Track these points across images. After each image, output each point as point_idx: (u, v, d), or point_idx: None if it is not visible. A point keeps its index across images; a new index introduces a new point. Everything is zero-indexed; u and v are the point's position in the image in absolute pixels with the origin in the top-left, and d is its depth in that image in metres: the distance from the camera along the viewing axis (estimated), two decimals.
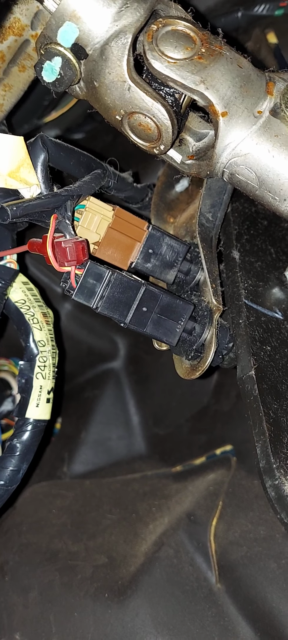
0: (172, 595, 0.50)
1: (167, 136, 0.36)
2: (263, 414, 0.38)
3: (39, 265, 0.59)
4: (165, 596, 0.49)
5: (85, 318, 0.67)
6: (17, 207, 0.36)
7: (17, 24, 0.43)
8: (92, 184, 0.40)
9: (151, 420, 0.67)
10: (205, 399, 0.64)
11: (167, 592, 0.50)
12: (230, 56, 0.35)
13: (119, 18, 0.35)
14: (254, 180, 0.36)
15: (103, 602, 0.48)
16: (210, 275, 0.43)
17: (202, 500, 0.54)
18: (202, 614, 0.49)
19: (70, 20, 0.35)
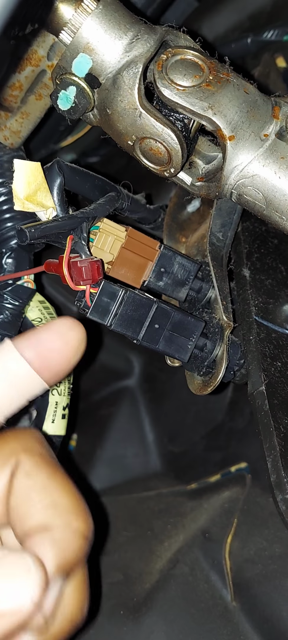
0: (187, 613, 0.49)
1: (177, 160, 0.38)
2: (273, 428, 0.39)
3: (55, 285, 0.61)
4: (180, 614, 0.49)
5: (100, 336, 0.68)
6: (35, 229, 0.37)
7: (34, 55, 0.44)
8: (107, 206, 0.41)
9: (166, 437, 0.68)
10: (220, 416, 0.64)
11: (182, 609, 0.49)
12: (237, 83, 0.37)
13: (130, 49, 0.36)
14: (261, 201, 0.37)
15: (118, 619, 0.48)
16: (221, 293, 0.43)
17: (217, 518, 0.54)
18: (217, 632, 0.49)
19: (84, 51, 0.37)
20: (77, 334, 0.31)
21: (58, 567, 0.28)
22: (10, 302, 0.45)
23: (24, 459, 0.30)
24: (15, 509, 0.30)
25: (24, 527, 0.29)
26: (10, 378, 0.31)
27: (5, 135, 0.47)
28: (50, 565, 0.28)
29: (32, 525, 0.29)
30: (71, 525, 0.29)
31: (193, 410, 0.66)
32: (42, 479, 0.30)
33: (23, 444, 0.31)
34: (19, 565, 0.26)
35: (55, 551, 0.29)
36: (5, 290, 0.45)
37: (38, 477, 0.30)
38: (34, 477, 0.30)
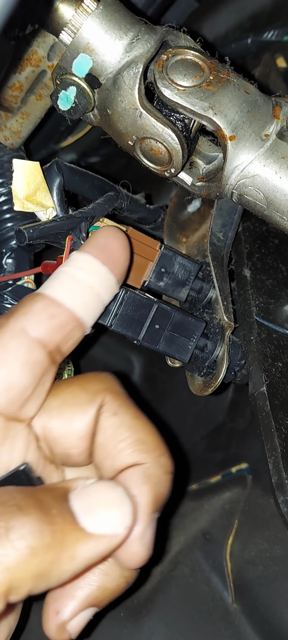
0: (187, 615, 0.49)
1: (177, 160, 0.38)
2: (275, 429, 0.39)
3: None
4: (181, 616, 0.49)
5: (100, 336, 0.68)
6: (33, 229, 0.37)
7: (35, 55, 0.44)
8: (105, 206, 0.41)
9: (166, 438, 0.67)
10: (221, 416, 0.64)
11: (182, 611, 0.49)
12: (237, 83, 0.37)
13: (131, 49, 0.36)
14: (262, 201, 0.37)
15: (118, 621, 0.48)
16: (222, 293, 0.43)
17: (218, 519, 0.54)
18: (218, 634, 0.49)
19: (84, 52, 0.36)
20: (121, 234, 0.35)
21: (154, 501, 0.30)
22: (10, 302, 0.45)
23: (110, 399, 0.32)
24: (104, 445, 0.31)
25: (115, 462, 0.31)
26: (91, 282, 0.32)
27: (6, 135, 0.47)
28: (147, 499, 0.30)
29: (123, 461, 0.31)
30: (160, 461, 0.31)
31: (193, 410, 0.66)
32: (129, 417, 0.32)
33: (107, 384, 0.32)
34: (112, 493, 0.27)
35: (150, 486, 0.30)
36: (6, 291, 0.45)
37: (125, 416, 0.32)
38: (121, 415, 0.31)
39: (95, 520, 0.26)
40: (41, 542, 0.24)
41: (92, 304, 0.33)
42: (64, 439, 0.32)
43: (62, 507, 0.26)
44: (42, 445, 0.31)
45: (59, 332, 0.31)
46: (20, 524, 0.24)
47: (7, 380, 0.29)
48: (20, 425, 0.30)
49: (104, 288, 0.33)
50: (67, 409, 0.32)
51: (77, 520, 0.26)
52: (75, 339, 0.32)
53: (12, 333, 0.29)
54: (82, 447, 0.32)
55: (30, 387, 0.30)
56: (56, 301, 0.31)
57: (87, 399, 0.32)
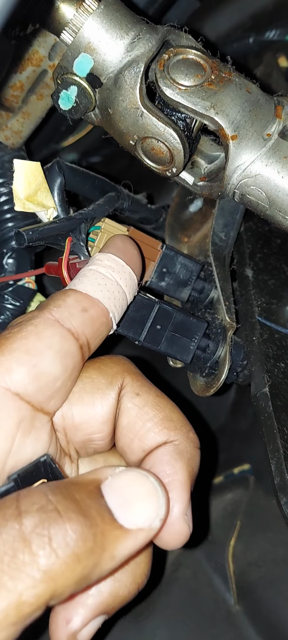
0: (189, 617, 0.49)
1: (179, 159, 0.37)
2: (277, 430, 0.38)
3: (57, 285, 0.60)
4: (183, 618, 0.49)
5: None
6: (32, 231, 0.37)
7: (36, 55, 0.44)
8: (106, 207, 0.41)
9: None
10: (223, 417, 0.63)
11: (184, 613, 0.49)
12: (239, 82, 0.36)
13: (132, 49, 0.36)
14: (264, 200, 0.36)
15: (120, 623, 0.48)
16: (224, 293, 0.43)
17: (220, 520, 0.54)
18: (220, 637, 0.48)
19: (85, 51, 0.36)
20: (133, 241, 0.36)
21: (190, 476, 0.30)
22: (11, 302, 0.45)
23: (130, 380, 0.32)
24: (130, 426, 0.31)
25: (144, 443, 0.31)
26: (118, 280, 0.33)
27: (7, 135, 0.47)
28: (184, 475, 0.30)
29: (152, 440, 0.30)
30: (189, 436, 0.31)
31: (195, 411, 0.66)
32: (152, 396, 0.32)
33: (125, 367, 0.33)
34: (146, 484, 0.27)
35: (184, 462, 0.30)
36: (6, 291, 0.45)
37: (148, 395, 0.32)
38: (144, 395, 0.31)
39: (132, 515, 0.26)
40: (84, 548, 0.24)
41: (120, 301, 0.33)
42: (86, 425, 0.31)
43: (100, 505, 0.25)
44: (59, 437, 0.31)
45: (90, 325, 0.31)
46: (62, 532, 0.24)
47: (38, 367, 0.28)
48: (46, 417, 0.30)
49: (129, 287, 0.34)
50: (86, 395, 0.31)
51: (115, 517, 0.25)
52: (103, 335, 0.32)
53: (46, 323, 0.29)
54: (105, 431, 0.32)
55: (61, 378, 0.29)
56: (88, 295, 0.31)
57: (106, 382, 0.31)
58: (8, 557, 0.23)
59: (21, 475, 0.28)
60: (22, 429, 0.28)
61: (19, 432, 0.28)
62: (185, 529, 0.30)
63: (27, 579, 0.23)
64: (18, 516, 0.24)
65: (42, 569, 0.23)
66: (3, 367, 0.28)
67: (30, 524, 0.24)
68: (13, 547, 0.23)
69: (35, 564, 0.23)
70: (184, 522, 0.30)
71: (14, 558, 0.23)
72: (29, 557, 0.23)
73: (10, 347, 0.28)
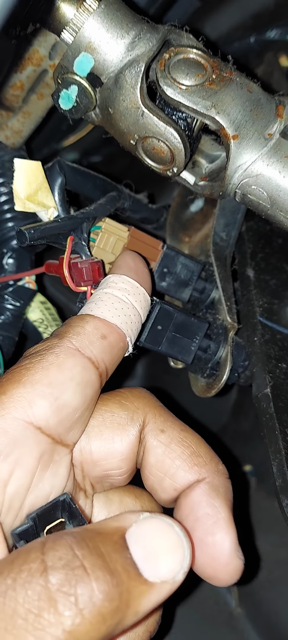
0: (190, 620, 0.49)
1: (179, 159, 0.37)
2: (279, 432, 0.38)
3: (57, 285, 0.60)
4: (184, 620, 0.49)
5: None
6: (34, 230, 0.37)
7: (36, 55, 0.44)
8: (107, 206, 0.41)
9: None
10: (224, 418, 0.63)
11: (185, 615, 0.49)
12: (240, 81, 0.36)
13: (132, 48, 0.36)
14: (266, 200, 0.36)
15: None
16: (225, 293, 0.43)
17: None
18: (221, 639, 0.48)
19: (85, 51, 0.36)
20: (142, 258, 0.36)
21: (230, 510, 0.30)
22: (11, 302, 0.45)
23: (153, 416, 0.31)
24: (158, 465, 0.30)
25: (176, 482, 0.30)
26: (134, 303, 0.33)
27: (7, 134, 0.47)
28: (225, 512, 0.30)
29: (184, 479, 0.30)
30: (219, 469, 0.31)
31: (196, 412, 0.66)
32: (177, 432, 0.31)
33: (147, 401, 0.32)
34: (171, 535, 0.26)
35: (222, 498, 0.30)
36: (6, 291, 0.45)
37: (173, 431, 0.31)
38: (169, 431, 0.31)
39: (157, 569, 0.25)
40: (110, 607, 0.23)
41: (136, 324, 0.33)
42: (105, 462, 0.31)
43: (125, 559, 0.25)
44: (76, 471, 0.31)
45: (109, 352, 0.30)
46: (89, 591, 0.23)
47: (60, 399, 0.28)
48: (65, 450, 0.29)
49: (143, 308, 0.34)
50: (106, 429, 0.31)
51: (140, 572, 0.25)
52: (119, 359, 0.32)
53: (67, 353, 0.29)
54: (123, 468, 0.31)
55: (81, 409, 0.29)
56: (107, 321, 0.31)
57: (127, 418, 0.31)
58: (33, 616, 0.22)
59: (39, 514, 0.28)
60: (42, 464, 0.28)
61: (39, 466, 0.28)
62: (239, 565, 0.29)
63: None
64: (44, 572, 0.23)
65: (67, 630, 0.22)
66: (25, 400, 0.27)
67: (56, 581, 0.23)
68: (38, 605, 0.22)
69: (60, 625, 0.22)
70: (238, 559, 0.29)
71: (39, 617, 0.22)
72: (54, 618, 0.22)
73: (32, 378, 0.28)
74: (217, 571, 0.29)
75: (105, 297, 0.32)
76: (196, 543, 0.30)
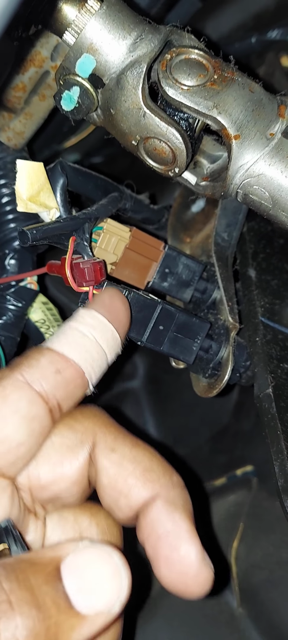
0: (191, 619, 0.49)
1: (181, 159, 0.37)
2: (281, 432, 0.38)
3: (58, 286, 0.60)
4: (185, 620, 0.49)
5: None
6: (36, 230, 0.37)
7: (38, 56, 0.44)
8: (109, 207, 0.41)
9: (171, 440, 0.67)
10: (226, 418, 0.63)
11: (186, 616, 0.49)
12: (242, 82, 0.36)
13: (134, 49, 0.36)
14: (268, 200, 0.36)
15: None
16: (226, 294, 0.43)
17: (223, 522, 0.54)
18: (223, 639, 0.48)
19: (87, 52, 0.36)
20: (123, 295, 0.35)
21: (191, 520, 0.29)
22: (13, 303, 0.45)
23: (103, 435, 0.30)
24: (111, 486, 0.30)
25: (130, 501, 0.29)
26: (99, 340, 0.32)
27: (9, 136, 0.47)
28: (186, 524, 0.29)
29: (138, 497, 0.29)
30: (173, 481, 0.30)
31: (198, 412, 0.66)
32: (128, 449, 0.30)
33: (96, 420, 0.31)
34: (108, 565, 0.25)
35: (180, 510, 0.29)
36: (8, 292, 0.45)
37: (124, 449, 0.30)
38: (120, 449, 0.30)
39: (90, 600, 0.24)
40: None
41: (98, 363, 0.32)
42: (54, 486, 0.30)
43: (56, 592, 0.24)
44: (23, 495, 0.30)
45: (63, 387, 0.30)
46: (12, 627, 0.22)
47: (2, 433, 0.28)
48: (7, 481, 0.28)
49: (110, 347, 0.32)
50: (55, 453, 0.30)
51: (71, 604, 0.24)
52: (77, 396, 0.31)
53: (14, 385, 0.28)
54: (74, 490, 0.30)
55: (25, 444, 0.28)
56: (64, 356, 0.30)
57: (76, 440, 0.30)
58: None
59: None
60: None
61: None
62: (208, 573, 0.29)
63: None
64: None
65: None
66: None
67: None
68: None
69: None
70: (206, 566, 0.29)
71: None
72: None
73: None
74: (188, 585, 0.28)
75: (68, 331, 0.32)
76: (162, 562, 0.29)
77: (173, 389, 0.68)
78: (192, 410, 0.66)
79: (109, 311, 0.33)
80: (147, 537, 0.29)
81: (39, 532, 0.31)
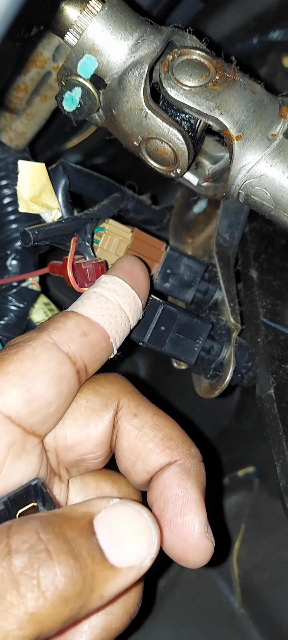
0: (193, 619, 0.49)
1: (183, 160, 0.37)
2: (282, 432, 0.38)
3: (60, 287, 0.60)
4: (187, 620, 0.49)
5: None
6: (38, 231, 0.37)
7: (40, 57, 0.44)
8: (111, 207, 0.41)
9: None
10: (227, 419, 0.63)
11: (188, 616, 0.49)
12: (243, 82, 0.36)
13: (136, 50, 0.36)
14: (269, 201, 0.36)
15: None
16: (228, 294, 0.43)
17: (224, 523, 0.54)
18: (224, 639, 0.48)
19: (89, 53, 0.36)
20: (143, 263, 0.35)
21: (202, 492, 0.30)
22: (15, 304, 0.45)
23: (126, 400, 0.31)
24: (131, 449, 0.31)
25: (148, 465, 0.30)
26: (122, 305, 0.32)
27: (11, 136, 0.47)
28: (196, 493, 0.30)
29: (156, 462, 0.30)
30: (192, 452, 0.31)
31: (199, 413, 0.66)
32: (150, 416, 0.31)
33: (121, 387, 0.32)
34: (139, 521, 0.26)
35: (193, 480, 0.30)
36: (10, 292, 0.45)
37: (146, 415, 0.31)
38: (142, 415, 0.31)
39: (123, 553, 0.25)
40: (73, 591, 0.24)
41: (122, 327, 0.32)
42: (79, 447, 0.31)
43: (91, 544, 0.25)
44: (50, 457, 0.31)
45: (89, 350, 0.30)
46: (52, 574, 0.23)
47: (32, 391, 0.28)
48: (37, 440, 0.29)
49: (132, 312, 0.33)
50: (81, 416, 0.31)
51: (105, 556, 0.25)
52: (102, 359, 0.32)
53: (43, 346, 0.29)
54: (98, 452, 0.31)
55: (55, 403, 0.29)
56: (89, 319, 0.31)
57: (101, 404, 0.31)
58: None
59: (11, 498, 0.28)
60: (12, 452, 0.28)
61: (9, 455, 0.28)
62: (209, 546, 0.30)
63: (13, 621, 0.23)
64: (7, 555, 0.24)
65: (29, 612, 0.23)
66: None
67: (19, 564, 0.23)
68: (1, 587, 0.23)
69: (22, 606, 0.23)
70: (207, 540, 0.29)
71: (1, 599, 0.23)
72: (16, 599, 0.23)
73: (6, 369, 0.28)
74: (186, 552, 0.29)
75: (92, 296, 0.32)
76: (166, 524, 0.30)
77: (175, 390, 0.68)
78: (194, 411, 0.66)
79: (130, 277, 0.34)
80: (156, 498, 0.30)
81: (63, 496, 0.32)
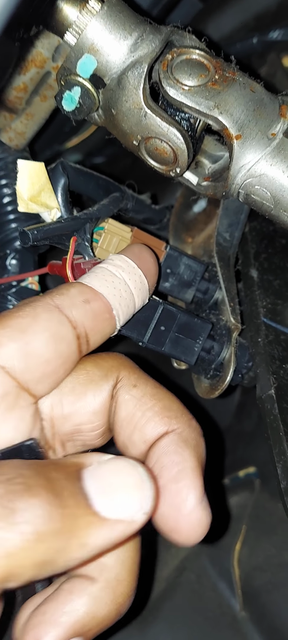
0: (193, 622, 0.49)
1: (182, 159, 0.37)
2: (283, 433, 0.38)
3: None
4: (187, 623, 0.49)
5: None
6: (37, 231, 0.37)
7: (39, 57, 0.44)
8: (110, 207, 0.41)
9: None
10: (227, 419, 0.63)
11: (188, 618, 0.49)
12: (243, 81, 0.36)
13: (135, 49, 0.36)
14: (269, 200, 0.36)
15: (123, 627, 0.48)
16: (228, 294, 0.43)
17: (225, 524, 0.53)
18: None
19: (88, 52, 0.36)
20: (151, 251, 0.35)
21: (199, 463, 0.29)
22: (14, 303, 0.45)
23: (126, 373, 0.31)
24: (128, 418, 0.30)
25: (145, 434, 0.30)
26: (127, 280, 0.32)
27: (10, 136, 0.47)
28: (193, 462, 0.28)
29: (153, 431, 0.29)
30: (191, 424, 0.30)
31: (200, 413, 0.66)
32: (150, 387, 0.31)
33: (122, 361, 0.32)
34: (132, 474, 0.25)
35: (191, 449, 0.29)
36: (9, 292, 0.45)
37: (145, 386, 0.31)
38: (142, 386, 0.31)
39: (111, 503, 0.24)
40: (49, 528, 0.22)
41: (126, 302, 0.32)
42: (75, 415, 0.30)
43: (75, 487, 0.24)
44: (45, 426, 0.30)
45: (92, 318, 0.30)
46: (27, 506, 0.22)
47: (30, 346, 0.28)
48: (31, 398, 0.29)
49: (138, 290, 0.33)
50: (79, 386, 0.30)
51: (90, 502, 0.23)
52: (105, 332, 0.31)
53: (44, 307, 0.29)
54: (95, 423, 0.30)
55: (52, 363, 0.29)
56: (93, 288, 0.31)
57: (101, 375, 0.31)
58: None
59: (5, 453, 0.27)
60: (5, 403, 0.27)
61: (2, 405, 0.27)
62: (203, 517, 0.27)
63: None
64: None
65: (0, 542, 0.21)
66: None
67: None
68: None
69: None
70: (202, 510, 0.27)
71: None
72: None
73: (5, 323, 0.28)
74: (178, 522, 0.27)
75: (98, 269, 0.32)
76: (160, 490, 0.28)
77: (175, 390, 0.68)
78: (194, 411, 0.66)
79: (138, 258, 0.34)
80: (152, 465, 0.29)
81: None
